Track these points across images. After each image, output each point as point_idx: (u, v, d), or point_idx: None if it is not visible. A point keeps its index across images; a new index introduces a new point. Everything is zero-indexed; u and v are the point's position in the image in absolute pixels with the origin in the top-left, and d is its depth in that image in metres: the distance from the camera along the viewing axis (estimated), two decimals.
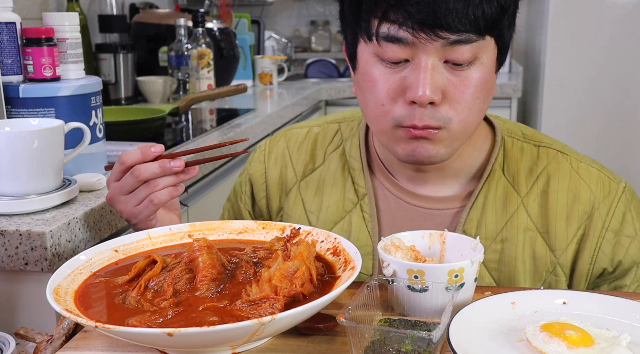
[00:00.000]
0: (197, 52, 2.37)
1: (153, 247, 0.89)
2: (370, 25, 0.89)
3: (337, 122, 1.14)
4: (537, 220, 1.00)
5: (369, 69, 0.92)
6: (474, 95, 0.90)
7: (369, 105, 0.94)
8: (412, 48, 0.87)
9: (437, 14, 0.83)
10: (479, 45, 0.87)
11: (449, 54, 0.87)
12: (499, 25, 0.89)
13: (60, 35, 1.24)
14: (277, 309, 0.69)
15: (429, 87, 0.86)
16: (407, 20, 0.85)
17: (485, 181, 1.01)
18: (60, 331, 0.77)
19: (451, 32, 0.85)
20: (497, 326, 0.75)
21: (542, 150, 1.03)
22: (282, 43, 3.65)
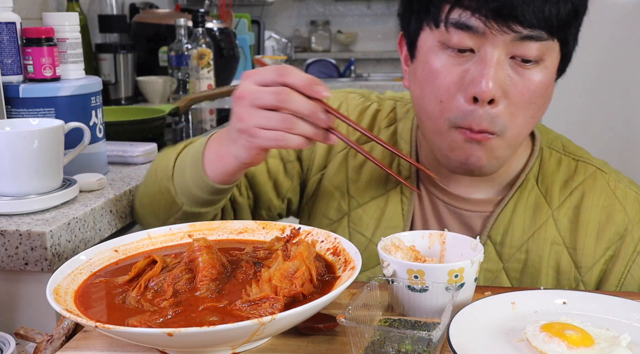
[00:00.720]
0: (197, 52, 2.37)
1: (153, 247, 0.89)
2: (441, 11, 0.87)
3: (393, 100, 1.11)
4: (566, 235, 0.99)
5: (431, 58, 0.90)
6: (531, 98, 0.88)
7: (425, 99, 0.92)
8: (481, 38, 0.85)
9: (514, 5, 0.82)
10: (547, 45, 0.86)
11: (517, 49, 0.85)
12: (568, 29, 0.88)
13: (60, 35, 1.24)
14: (277, 309, 0.69)
15: (492, 81, 0.85)
16: (481, 8, 0.83)
17: (517, 189, 1.00)
18: (60, 331, 0.77)
19: (524, 26, 0.83)
20: (497, 326, 0.75)
21: (581, 165, 1.02)
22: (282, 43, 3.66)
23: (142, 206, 1.07)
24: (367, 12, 3.93)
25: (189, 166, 0.95)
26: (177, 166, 0.97)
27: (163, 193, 0.98)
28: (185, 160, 0.96)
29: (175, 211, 0.98)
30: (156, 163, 1.04)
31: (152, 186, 1.02)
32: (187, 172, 0.95)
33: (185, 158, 0.97)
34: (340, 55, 3.89)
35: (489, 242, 1.00)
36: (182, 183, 0.96)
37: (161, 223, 0.99)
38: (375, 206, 1.04)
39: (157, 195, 1.00)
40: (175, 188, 0.96)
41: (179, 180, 0.96)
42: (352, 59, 3.82)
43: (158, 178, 1.00)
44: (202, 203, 0.96)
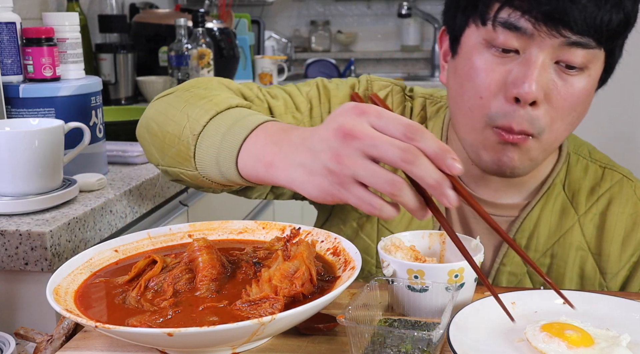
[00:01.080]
0: (197, 52, 2.37)
1: (153, 247, 0.89)
2: (489, 9, 0.86)
3: (423, 97, 1.08)
4: (591, 241, 0.99)
5: (474, 56, 0.89)
6: (572, 105, 0.88)
7: (465, 95, 0.90)
8: (528, 40, 0.84)
9: (566, 9, 0.81)
10: (593, 54, 0.85)
11: (563, 54, 0.84)
12: (616, 39, 0.87)
13: (60, 35, 1.24)
14: (277, 309, 0.69)
15: (535, 83, 0.84)
16: (532, 10, 0.82)
17: (544, 194, 1.00)
18: (60, 331, 0.77)
19: (573, 32, 0.82)
20: (497, 326, 0.75)
21: (607, 172, 1.02)
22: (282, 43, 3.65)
23: (149, 132, 0.91)
24: (367, 12, 3.92)
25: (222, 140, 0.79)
26: (209, 128, 0.81)
27: (180, 144, 0.84)
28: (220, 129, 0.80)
29: (185, 168, 0.86)
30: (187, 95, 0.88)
31: (170, 123, 0.87)
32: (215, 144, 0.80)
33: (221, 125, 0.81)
34: (340, 55, 3.88)
35: None
36: (206, 153, 0.82)
37: (165, 165, 0.89)
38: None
39: (173, 138, 0.86)
40: (196, 152, 0.83)
41: (205, 148, 0.81)
42: (352, 59, 3.82)
43: (181, 121, 0.85)
44: (218, 182, 0.84)
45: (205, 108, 0.84)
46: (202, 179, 0.84)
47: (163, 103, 0.92)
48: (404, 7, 3.57)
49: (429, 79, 3.63)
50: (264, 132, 0.76)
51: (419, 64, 3.87)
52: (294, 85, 1.08)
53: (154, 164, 0.94)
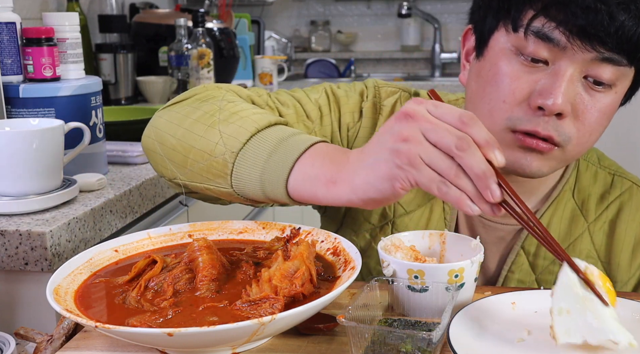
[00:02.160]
0: (197, 52, 2.37)
1: (153, 247, 0.89)
2: (522, 16, 0.83)
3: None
4: (601, 249, 0.98)
5: (501, 61, 0.87)
6: (599, 120, 0.86)
7: (485, 98, 0.88)
8: (560, 52, 0.82)
9: (602, 24, 0.78)
10: (623, 71, 0.84)
11: (592, 69, 0.83)
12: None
13: (60, 35, 1.24)
14: (277, 309, 0.69)
15: (562, 96, 0.82)
16: (567, 22, 0.80)
17: (553, 201, 0.98)
18: (60, 331, 0.77)
19: (607, 48, 0.80)
20: (497, 326, 0.75)
21: (617, 179, 1.01)
22: (282, 43, 3.65)
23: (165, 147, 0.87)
24: (367, 12, 3.92)
25: (267, 160, 0.77)
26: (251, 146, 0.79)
27: (213, 161, 0.81)
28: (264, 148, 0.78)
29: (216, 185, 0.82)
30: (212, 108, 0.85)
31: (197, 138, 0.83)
32: (259, 164, 0.78)
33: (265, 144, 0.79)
34: (340, 55, 3.88)
35: (522, 253, 0.98)
36: (247, 172, 0.79)
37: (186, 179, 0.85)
38: (420, 214, 1.01)
39: (202, 154, 0.82)
40: (234, 170, 0.79)
41: (246, 166, 0.79)
42: (352, 59, 3.82)
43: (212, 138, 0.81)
44: (254, 200, 0.82)
45: (243, 125, 0.81)
46: (236, 196, 0.82)
47: (177, 115, 0.88)
48: (404, 7, 3.57)
49: (429, 79, 3.63)
50: (318, 153, 0.76)
51: (418, 64, 3.87)
52: (302, 91, 1.03)
53: (166, 177, 0.89)
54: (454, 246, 0.87)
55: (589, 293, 0.68)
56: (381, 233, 1.02)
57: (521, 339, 0.73)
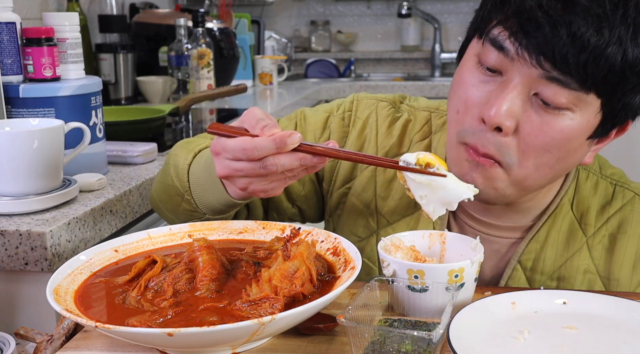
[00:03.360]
0: (197, 52, 2.37)
1: (153, 247, 0.89)
2: (488, 23, 0.84)
3: (428, 110, 1.05)
4: (600, 263, 0.95)
5: (464, 68, 0.87)
6: (546, 146, 0.83)
7: (449, 107, 0.89)
8: (510, 63, 0.81)
9: (548, 41, 0.77)
10: (578, 96, 0.80)
11: (543, 88, 0.80)
12: (612, 90, 0.80)
13: (60, 35, 1.24)
14: (277, 309, 0.69)
15: (504, 108, 0.80)
16: (517, 33, 0.79)
17: (551, 215, 0.95)
18: (60, 331, 0.77)
19: (555, 66, 0.78)
20: (497, 326, 0.75)
21: (619, 190, 0.97)
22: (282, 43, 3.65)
23: (161, 202, 1.02)
24: (367, 12, 3.92)
25: (210, 187, 0.91)
26: (193, 182, 0.94)
27: (184, 203, 0.96)
28: (201, 179, 0.93)
29: (197, 217, 0.96)
30: (171, 164, 0.99)
31: (169, 188, 0.98)
32: (208, 192, 0.92)
33: (198, 174, 0.94)
34: (340, 55, 3.88)
35: (519, 267, 0.96)
36: (205, 200, 0.93)
37: (181, 221, 0.98)
38: (405, 225, 1.00)
39: (176, 200, 0.97)
40: (196, 203, 0.94)
41: (201, 196, 0.93)
42: (352, 59, 3.82)
43: (175, 186, 0.96)
44: (224, 211, 0.94)
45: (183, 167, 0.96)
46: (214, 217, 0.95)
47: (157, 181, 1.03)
48: (404, 7, 3.57)
49: (429, 79, 3.63)
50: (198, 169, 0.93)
51: (418, 64, 3.87)
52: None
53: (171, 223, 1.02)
54: (454, 246, 0.87)
55: (429, 177, 0.79)
56: (368, 245, 1.02)
57: (521, 339, 0.73)
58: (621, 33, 0.77)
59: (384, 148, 1.03)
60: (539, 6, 0.78)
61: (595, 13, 0.76)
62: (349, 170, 1.04)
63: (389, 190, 1.01)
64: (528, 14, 0.78)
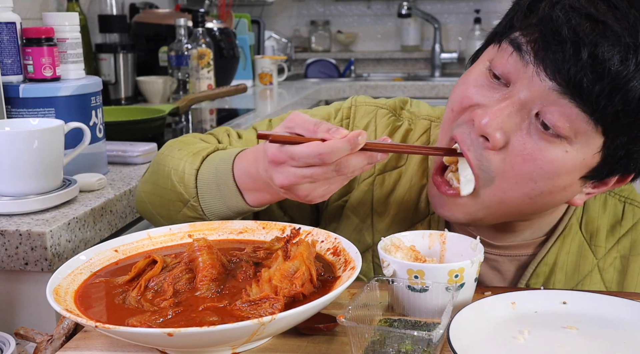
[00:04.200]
0: (197, 52, 2.37)
1: (153, 247, 0.89)
2: (510, 31, 0.80)
3: (429, 119, 1.02)
4: (612, 287, 0.92)
5: (472, 71, 0.85)
6: (531, 174, 0.78)
7: (447, 105, 0.87)
8: (522, 71, 0.77)
9: (568, 60, 0.73)
10: (581, 127, 0.75)
11: (546, 108, 0.76)
12: (619, 130, 0.75)
13: (60, 35, 1.24)
14: (277, 309, 0.69)
15: (498, 120, 0.78)
16: (537, 42, 0.75)
17: (559, 236, 0.92)
18: (60, 331, 0.77)
19: (567, 86, 0.74)
20: (497, 326, 0.75)
21: (628, 208, 0.94)
22: (282, 43, 3.65)
23: (154, 206, 0.99)
24: (367, 12, 3.93)
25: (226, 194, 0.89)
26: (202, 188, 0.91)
27: (187, 210, 0.93)
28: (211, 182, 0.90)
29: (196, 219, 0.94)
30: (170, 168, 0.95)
31: (167, 193, 0.94)
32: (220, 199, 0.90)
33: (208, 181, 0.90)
34: (340, 55, 3.88)
35: None
36: (214, 206, 0.91)
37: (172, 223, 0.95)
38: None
39: (177, 204, 0.93)
40: (203, 208, 0.91)
41: (211, 203, 0.91)
42: (352, 59, 3.82)
43: (177, 191, 0.93)
44: (231, 218, 0.92)
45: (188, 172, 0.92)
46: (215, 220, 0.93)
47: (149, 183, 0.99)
48: (404, 7, 3.57)
49: (429, 79, 3.63)
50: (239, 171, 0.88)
51: (418, 64, 3.87)
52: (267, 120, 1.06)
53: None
54: (454, 246, 0.87)
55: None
56: (364, 261, 0.98)
57: (521, 339, 0.73)
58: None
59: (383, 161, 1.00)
60: (567, 21, 0.73)
61: (625, 42, 0.72)
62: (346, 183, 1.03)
63: (385, 205, 0.99)
64: (553, 24, 0.74)
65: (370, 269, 0.99)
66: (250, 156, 0.86)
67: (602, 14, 0.73)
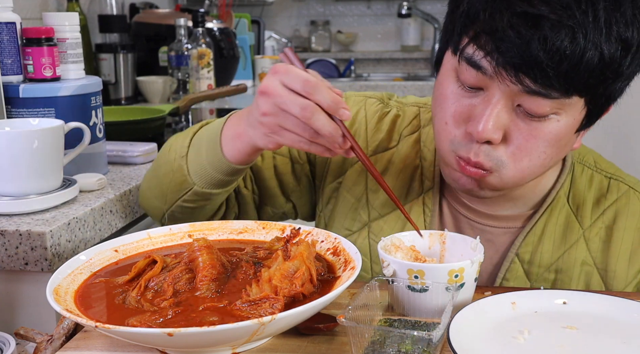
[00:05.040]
0: (197, 52, 2.37)
1: (153, 247, 0.89)
2: (461, 40, 0.83)
3: (417, 106, 1.07)
4: (597, 255, 0.96)
5: (445, 82, 0.88)
6: (539, 148, 0.84)
7: (435, 117, 0.90)
8: (489, 81, 0.81)
9: (526, 59, 0.77)
10: (561, 102, 0.81)
11: (525, 101, 0.81)
12: (594, 89, 0.81)
13: (60, 35, 1.24)
14: (277, 309, 0.69)
15: (490, 124, 0.81)
16: (493, 52, 0.79)
17: (547, 207, 0.97)
18: (60, 331, 0.78)
19: (535, 82, 0.78)
20: (497, 326, 0.76)
21: (613, 183, 0.99)
22: (282, 43, 3.66)
23: (150, 189, 1.03)
24: (367, 12, 3.93)
25: (205, 144, 0.94)
26: (192, 145, 0.96)
27: (175, 172, 0.96)
28: (202, 139, 0.95)
29: (184, 190, 0.96)
30: (169, 144, 1.02)
31: (163, 166, 0.99)
32: (202, 150, 0.94)
33: (201, 137, 0.96)
34: (340, 55, 3.89)
35: (517, 260, 0.97)
36: (196, 162, 0.94)
37: (167, 206, 0.99)
38: (396, 217, 1.01)
39: (168, 175, 0.98)
40: (189, 167, 0.95)
41: (194, 158, 0.95)
42: (352, 59, 3.82)
43: (170, 158, 0.98)
44: (215, 184, 0.95)
45: (184, 136, 1.00)
46: (202, 190, 0.96)
47: (151, 168, 1.06)
48: (404, 7, 3.57)
49: (429, 79, 3.63)
50: (231, 120, 0.93)
51: (418, 64, 3.87)
52: None
53: (158, 218, 1.05)
54: (454, 246, 0.87)
55: None
56: (359, 238, 1.03)
57: (521, 339, 0.73)
58: (595, 36, 0.76)
59: (373, 142, 1.05)
60: (510, 26, 0.77)
61: (566, 24, 0.76)
62: (339, 165, 1.06)
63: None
64: (500, 33, 0.77)
65: (367, 245, 1.02)
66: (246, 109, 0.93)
67: (537, 7, 0.77)
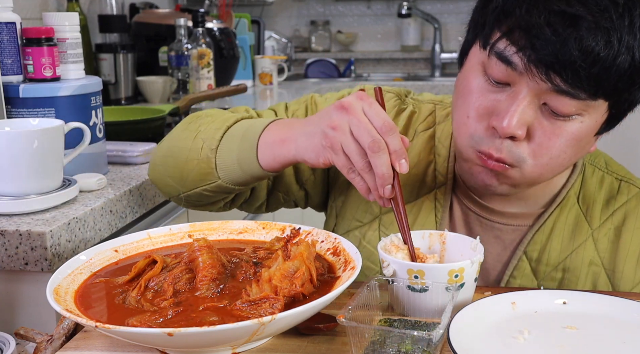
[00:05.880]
0: (197, 52, 2.37)
1: (153, 247, 0.89)
2: (492, 34, 0.84)
3: (432, 103, 1.08)
4: (605, 256, 0.97)
5: (471, 76, 0.88)
6: (560, 147, 0.85)
7: (457, 110, 0.91)
8: (518, 76, 0.82)
9: (559, 57, 0.78)
10: (587, 104, 0.82)
11: (552, 99, 0.82)
12: (620, 94, 0.82)
13: (60, 35, 1.24)
14: (277, 309, 0.69)
15: (515, 120, 0.82)
16: (526, 49, 0.80)
17: (557, 206, 0.98)
18: (60, 331, 0.78)
19: (565, 81, 0.79)
20: (497, 326, 0.76)
21: (624, 185, 1.00)
22: (282, 43, 3.65)
23: (165, 168, 1.02)
24: (367, 12, 3.93)
25: (239, 143, 0.92)
26: (224, 140, 0.94)
27: (200, 162, 0.95)
28: (235, 136, 0.93)
29: (208, 182, 0.96)
30: (195, 128, 0.99)
31: (185, 152, 0.98)
32: (234, 149, 0.93)
33: (235, 134, 0.94)
34: (340, 55, 3.88)
35: (525, 258, 0.97)
36: (226, 159, 0.93)
37: (186, 190, 0.98)
38: (408, 211, 1.01)
39: (192, 162, 0.96)
40: (217, 162, 0.94)
41: (224, 155, 0.94)
42: (352, 59, 3.82)
43: (197, 146, 0.96)
44: (240, 183, 0.95)
45: (216, 127, 0.97)
46: (225, 185, 0.95)
47: (172, 140, 1.03)
48: (404, 7, 3.57)
49: (429, 79, 3.63)
50: (275, 125, 0.91)
51: (418, 64, 3.87)
52: (284, 103, 1.11)
53: (172, 197, 1.04)
54: (454, 246, 0.87)
55: None
56: (370, 230, 1.03)
57: (521, 339, 0.73)
58: (629, 41, 0.78)
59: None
60: (547, 23, 0.78)
61: (603, 26, 0.77)
62: None
63: None
64: (536, 30, 0.78)
65: (377, 237, 1.02)
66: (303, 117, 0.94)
67: (575, 7, 0.78)
